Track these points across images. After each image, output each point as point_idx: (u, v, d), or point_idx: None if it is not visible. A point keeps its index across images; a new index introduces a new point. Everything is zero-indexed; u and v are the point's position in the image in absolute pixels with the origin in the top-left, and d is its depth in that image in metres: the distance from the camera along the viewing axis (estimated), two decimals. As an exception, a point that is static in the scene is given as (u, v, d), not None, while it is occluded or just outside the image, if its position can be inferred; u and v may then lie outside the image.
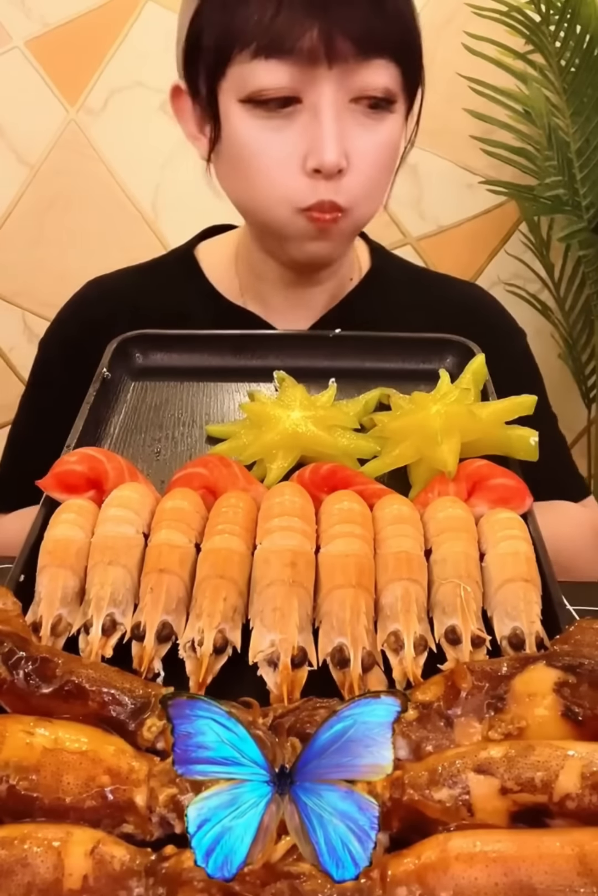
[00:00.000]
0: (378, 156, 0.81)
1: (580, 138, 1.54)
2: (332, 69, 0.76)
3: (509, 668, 0.45)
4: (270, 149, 0.79)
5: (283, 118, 0.78)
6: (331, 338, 0.83)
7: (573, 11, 1.46)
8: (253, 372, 0.81)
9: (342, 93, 0.77)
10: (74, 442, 0.68)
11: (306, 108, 0.78)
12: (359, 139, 0.79)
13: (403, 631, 0.50)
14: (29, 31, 1.70)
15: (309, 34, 0.74)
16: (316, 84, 0.76)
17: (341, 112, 0.78)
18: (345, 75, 0.76)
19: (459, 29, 1.53)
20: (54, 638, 0.51)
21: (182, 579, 0.53)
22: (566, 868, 0.36)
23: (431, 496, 0.62)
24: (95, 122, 1.75)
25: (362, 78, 0.77)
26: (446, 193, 1.78)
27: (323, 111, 0.77)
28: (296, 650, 0.48)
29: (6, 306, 1.87)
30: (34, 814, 0.41)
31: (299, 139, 0.78)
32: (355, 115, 0.79)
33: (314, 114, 0.77)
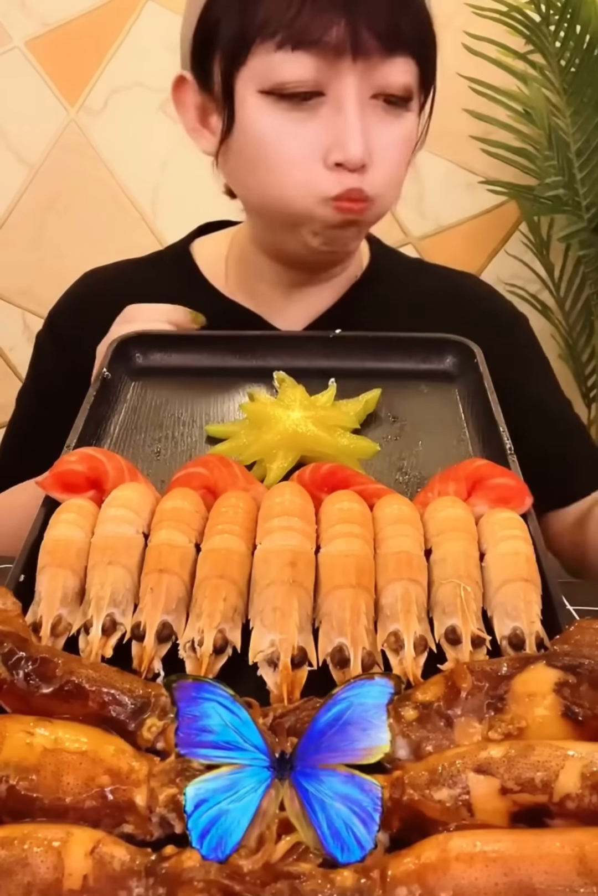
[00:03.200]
0: (399, 151, 0.82)
1: (580, 138, 1.54)
2: (356, 63, 0.75)
3: (509, 668, 0.45)
4: (292, 140, 0.79)
5: (305, 111, 0.78)
6: (331, 338, 0.83)
7: (573, 11, 1.46)
8: (253, 372, 0.81)
9: (365, 88, 0.77)
10: (74, 442, 0.68)
11: (329, 101, 0.77)
12: (380, 135, 0.79)
13: (403, 631, 0.50)
14: (29, 31, 1.70)
15: (336, 27, 0.74)
16: (340, 77, 0.76)
17: (364, 107, 0.78)
18: (368, 70, 0.76)
19: (459, 29, 1.52)
20: (54, 638, 0.51)
21: (182, 579, 0.53)
22: (566, 868, 0.36)
23: (431, 496, 0.62)
24: (95, 122, 1.75)
25: (385, 74, 0.77)
26: (447, 193, 1.78)
27: (348, 105, 0.77)
28: (296, 650, 0.48)
29: (6, 306, 1.87)
30: (34, 814, 0.40)
31: (321, 132, 0.78)
32: (376, 111, 0.79)
33: (338, 107, 0.77)
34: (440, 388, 0.80)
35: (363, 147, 0.77)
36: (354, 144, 0.76)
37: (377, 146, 0.79)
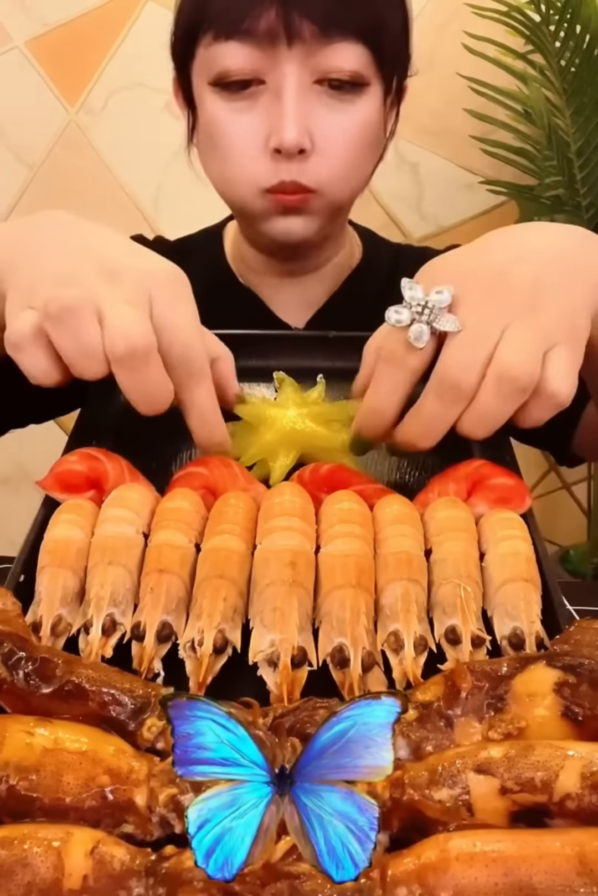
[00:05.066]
0: (349, 137, 0.81)
1: (580, 138, 1.54)
2: (292, 49, 0.75)
3: (509, 668, 0.45)
4: (236, 130, 0.80)
5: (246, 99, 0.79)
6: (331, 338, 0.83)
7: (573, 11, 1.46)
8: (252, 372, 0.80)
9: (306, 74, 0.77)
10: (74, 442, 0.68)
11: (269, 89, 0.78)
12: (325, 120, 0.79)
13: (403, 631, 0.50)
14: (29, 31, 1.70)
15: (267, 15, 0.74)
16: (277, 65, 0.76)
17: (305, 93, 0.77)
18: (307, 56, 0.76)
19: (459, 29, 1.52)
20: (54, 638, 0.51)
21: (182, 579, 0.53)
22: (566, 868, 0.36)
23: (431, 496, 0.62)
24: (95, 122, 1.75)
25: (327, 59, 0.77)
26: (447, 193, 1.78)
27: (284, 91, 0.77)
28: (296, 650, 0.48)
29: (6, 306, 1.87)
30: (34, 814, 0.40)
31: (261, 120, 0.79)
32: (321, 97, 0.78)
33: (276, 94, 0.77)
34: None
35: (298, 131, 0.77)
36: (289, 128, 0.76)
37: (322, 131, 0.78)
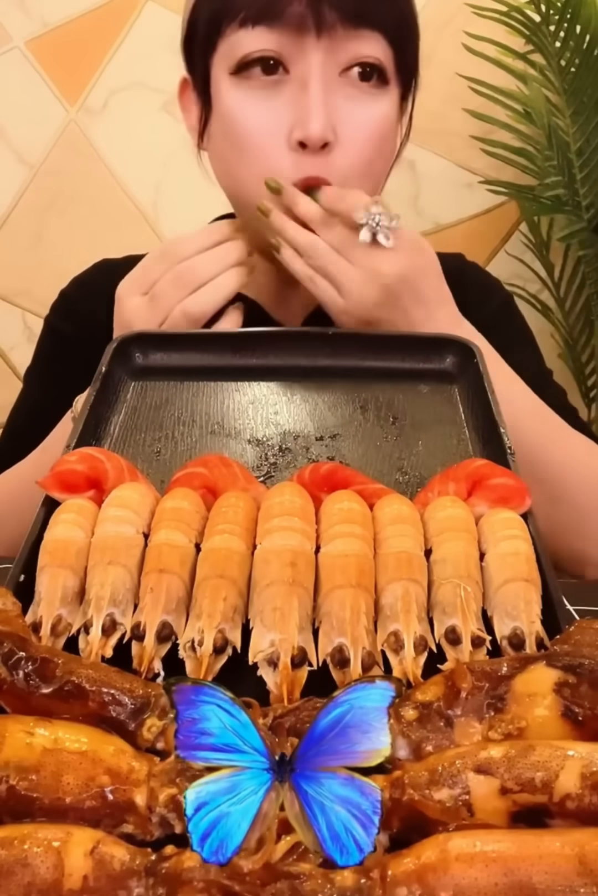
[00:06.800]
0: (370, 132, 0.80)
1: (580, 138, 1.54)
2: (320, 39, 0.75)
3: (509, 668, 0.45)
4: (257, 119, 0.79)
5: (270, 88, 0.78)
6: (330, 335, 0.83)
7: (573, 11, 1.46)
8: (253, 371, 0.81)
9: (331, 65, 0.77)
10: (74, 442, 0.68)
11: (294, 79, 0.77)
12: (349, 113, 0.78)
13: (403, 631, 0.50)
14: (29, 31, 1.70)
15: (297, 3, 0.74)
16: (304, 54, 0.76)
17: (331, 85, 0.77)
18: (334, 46, 0.76)
19: (459, 29, 1.53)
20: (54, 638, 0.51)
21: (182, 579, 0.53)
22: (566, 868, 0.36)
23: (431, 496, 0.62)
24: (95, 122, 1.76)
25: (352, 48, 0.77)
26: (446, 193, 1.78)
27: (310, 81, 0.76)
28: (296, 650, 0.48)
29: (6, 306, 1.87)
30: (34, 814, 0.40)
31: (285, 111, 0.78)
32: (345, 89, 0.78)
33: (302, 85, 0.77)
34: (440, 388, 0.80)
35: (324, 123, 0.76)
36: (315, 120, 0.76)
37: (345, 124, 0.78)
